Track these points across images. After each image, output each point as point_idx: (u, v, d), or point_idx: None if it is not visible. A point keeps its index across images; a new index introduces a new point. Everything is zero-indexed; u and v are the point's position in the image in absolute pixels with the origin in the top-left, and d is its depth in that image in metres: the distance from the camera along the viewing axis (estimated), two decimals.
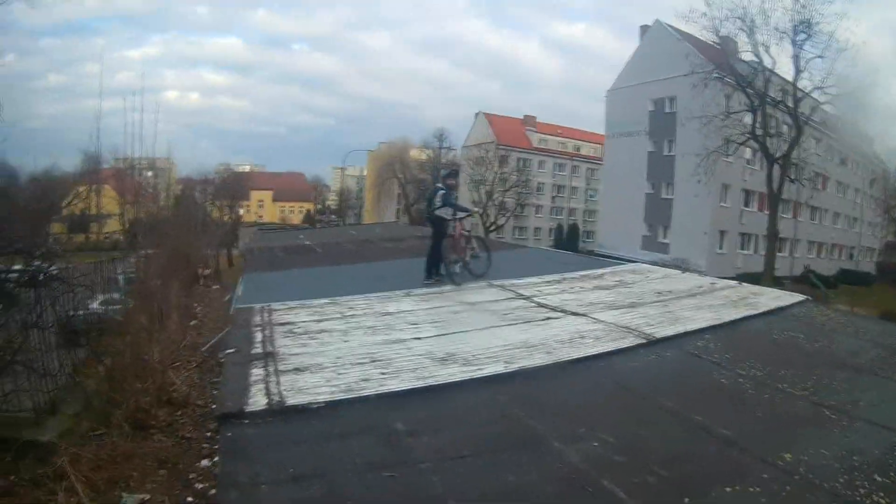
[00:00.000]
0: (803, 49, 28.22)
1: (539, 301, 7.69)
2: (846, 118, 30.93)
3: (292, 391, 4.50)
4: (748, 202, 36.29)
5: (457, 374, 4.86)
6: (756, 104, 29.11)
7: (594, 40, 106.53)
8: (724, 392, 4.60)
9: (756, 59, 28.94)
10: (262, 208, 79.31)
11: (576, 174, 60.81)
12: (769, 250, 29.59)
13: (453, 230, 9.35)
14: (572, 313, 6.93)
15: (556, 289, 8.66)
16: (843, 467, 3.35)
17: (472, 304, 7.68)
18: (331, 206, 79.33)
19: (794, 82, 28.92)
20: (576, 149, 60.99)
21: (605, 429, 3.83)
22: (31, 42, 73.53)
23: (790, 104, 29.03)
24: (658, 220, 37.25)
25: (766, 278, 25.68)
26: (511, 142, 56.58)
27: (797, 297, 8.11)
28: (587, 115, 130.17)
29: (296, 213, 79.04)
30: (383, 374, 4.86)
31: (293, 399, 4.35)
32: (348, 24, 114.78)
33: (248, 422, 4.08)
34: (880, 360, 5.48)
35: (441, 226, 9.27)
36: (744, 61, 29.43)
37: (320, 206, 79.42)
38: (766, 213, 30.53)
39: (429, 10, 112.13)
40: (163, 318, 8.22)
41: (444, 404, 4.38)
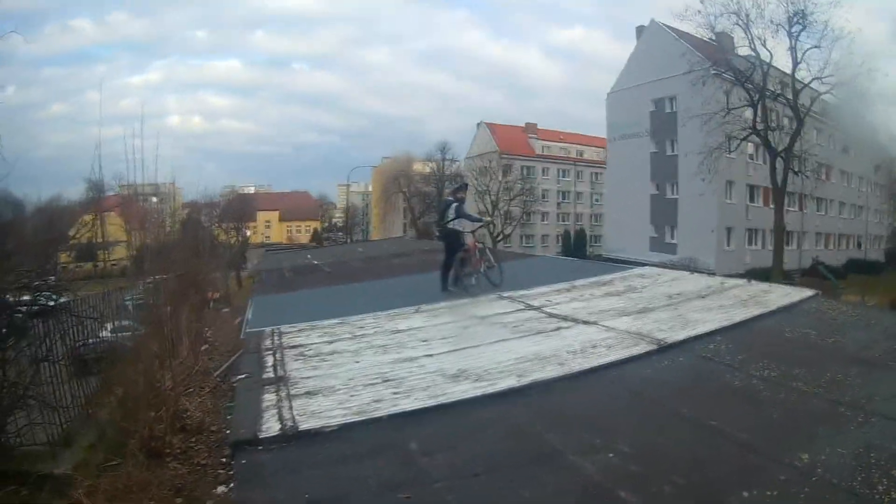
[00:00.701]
0: (799, 40, 28.39)
1: (549, 311, 7.68)
2: (846, 106, 30.76)
3: (305, 415, 4.51)
4: (753, 197, 35.94)
5: (469, 390, 4.85)
6: (756, 98, 29.11)
7: (592, 44, 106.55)
8: (738, 395, 4.57)
9: (753, 54, 29.02)
10: (270, 229, 79.47)
11: (580, 179, 60.63)
12: (777, 245, 29.42)
13: (467, 243, 9.41)
14: (583, 322, 6.92)
15: (565, 297, 8.64)
16: (860, 465, 3.32)
17: (483, 317, 7.68)
18: (337, 223, 79.53)
19: (793, 74, 28.99)
20: (579, 153, 60.96)
21: (620, 439, 3.82)
22: (32, 72, 74.63)
23: (790, 96, 29.06)
24: (664, 220, 36.97)
25: (775, 273, 25.55)
26: (514, 150, 56.56)
27: (807, 293, 8.07)
28: (589, 120, 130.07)
29: (303, 232, 79.15)
30: (395, 393, 4.86)
31: (306, 423, 4.36)
32: (348, 41, 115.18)
33: (262, 448, 4.11)
34: (893, 352, 5.42)
35: (455, 239, 9.35)
36: (741, 56, 29.46)
37: (327, 224, 79.66)
38: (772, 207, 30.41)
39: (428, 23, 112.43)
40: (174, 344, 8.25)
41: (458, 421, 4.37)
